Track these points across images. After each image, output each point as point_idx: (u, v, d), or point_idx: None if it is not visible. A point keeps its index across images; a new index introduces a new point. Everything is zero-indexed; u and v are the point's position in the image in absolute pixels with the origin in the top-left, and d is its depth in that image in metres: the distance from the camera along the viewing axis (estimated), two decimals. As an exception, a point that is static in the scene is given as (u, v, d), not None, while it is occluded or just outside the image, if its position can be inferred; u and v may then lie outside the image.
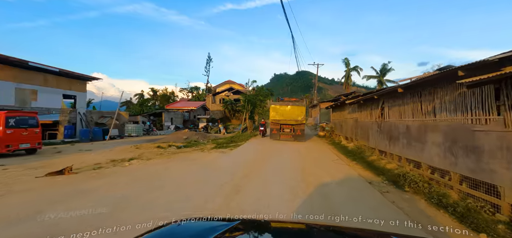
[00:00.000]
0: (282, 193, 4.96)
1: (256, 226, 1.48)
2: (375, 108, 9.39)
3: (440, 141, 5.18)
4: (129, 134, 19.06)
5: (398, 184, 5.83)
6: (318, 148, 13.15)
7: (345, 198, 4.91)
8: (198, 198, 4.56)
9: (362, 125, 11.02)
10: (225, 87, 53.05)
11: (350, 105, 13.03)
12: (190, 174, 6.60)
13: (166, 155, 9.91)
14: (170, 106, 39.21)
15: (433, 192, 4.90)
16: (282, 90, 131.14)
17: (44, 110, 18.54)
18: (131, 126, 19.27)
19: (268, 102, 50.03)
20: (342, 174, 6.95)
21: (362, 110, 11.01)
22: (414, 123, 6.38)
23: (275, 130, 15.93)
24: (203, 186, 5.33)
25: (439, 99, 5.28)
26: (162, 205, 4.11)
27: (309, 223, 1.94)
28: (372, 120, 9.64)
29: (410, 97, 6.59)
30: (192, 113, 38.49)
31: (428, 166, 5.78)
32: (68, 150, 10.94)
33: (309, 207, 4.22)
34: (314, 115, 33.86)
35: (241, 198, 4.61)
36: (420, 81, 5.66)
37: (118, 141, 15.67)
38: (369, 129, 9.91)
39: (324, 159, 9.54)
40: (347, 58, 45.61)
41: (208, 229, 1.19)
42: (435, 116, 5.44)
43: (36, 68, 17.71)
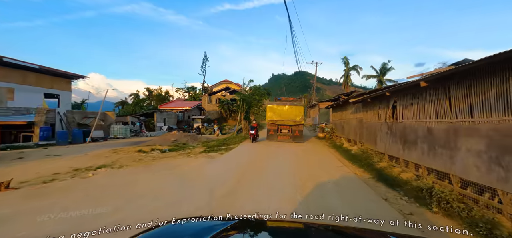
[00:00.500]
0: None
1: (253, 225, 1.48)
2: (384, 107, 8.20)
3: (480, 148, 3.98)
4: (115, 135, 17.72)
5: (422, 201, 4.63)
6: (318, 150, 11.94)
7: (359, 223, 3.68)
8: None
9: (368, 126, 9.84)
10: (221, 87, 51.76)
11: (353, 105, 11.84)
12: (158, 189, 5.33)
13: (145, 161, 8.63)
14: (163, 106, 37.85)
15: (475, 216, 3.69)
16: (280, 90, 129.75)
17: (23, 110, 17.13)
18: (118, 127, 17.92)
19: (265, 102, 48.98)
20: (351, 187, 5.75)
21: (368, 110, 9.82)
22: (439, 124, 5.18)
23: (272, 131, 15.24)
24: (166, 212, 4.05)
25: (480, 94, 4.08)
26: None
27: (307, 222, 1.85)
28: (381, 121, 8.45)
29: (433, 93, 5.39)
30: (186, 113, 37.18)
31: (459, 179, 4.58)
32: (33, 155, 9.60)
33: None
34: (313, 116, 32.69)
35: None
36: (452, 72, 4.45)
37: (99, 144, 14.33)
38: (377, 131, 8.72)
39: (327, 165, 8.31)
40: (346, 57, 44.59)
41: (207, 228, 1.24)
42: (472, 117, 4.24)
43: (13, 64, 16.32)
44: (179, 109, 35.75)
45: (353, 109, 12.06)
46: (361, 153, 9.89)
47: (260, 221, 1.61)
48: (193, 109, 37.52)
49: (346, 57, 44.60)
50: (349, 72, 44.10)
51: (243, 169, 7.35)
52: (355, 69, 42.99)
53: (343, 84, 44.66)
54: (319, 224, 1.73)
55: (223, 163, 8.53)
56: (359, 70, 42.31)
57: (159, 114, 29.67)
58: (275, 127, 15.11)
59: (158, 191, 5.19)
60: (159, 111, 30.24)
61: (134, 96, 52.53)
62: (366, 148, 9.85)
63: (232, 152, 11.18)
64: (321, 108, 25.39)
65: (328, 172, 7.20)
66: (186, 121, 36.64)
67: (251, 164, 8.20)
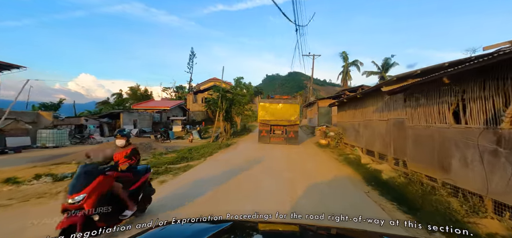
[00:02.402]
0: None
1: (249, 227, 1.48)
2: (485, 98, 3.82)
3: None
4: (43, 144, 12.90)
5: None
6: (326, 170, 7.46)
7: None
8: None
9: (423, 135, 5.44)
10: (209, 85, 46.90)
11: (382, 98, 7.49)
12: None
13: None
14: (139, 105, 32.88)
15: None
16: (274, 91, 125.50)
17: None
18: (47, 132, 13.08)
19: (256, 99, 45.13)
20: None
21: (423, 106, 5.42)
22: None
23: (264, 132, 13.91)
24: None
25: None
26: None
27: (304, 223, 1.70)
28: (470, 127, 4.06)
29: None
30: (166, 114, 32.42)
31: None
32: None
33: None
34: (310, 116, 28.24)
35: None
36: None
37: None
38: (456, 145, 4.33)
39: (357, 212, 3.85)
40: (345, 52, 40.61)
41: (207, 229, 1.24)
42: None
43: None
44: (156, 109, 30.91)
45: (381, 106, 7.69)
46: (406, 181, 5.52)
47: (256, 222, 1.63)
48: (173, 109, 32.72)
49: (345, 52, 40.65)
50: (349, 68, 40.08)
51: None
52: (356, 65, 39.00)
53: (342, 81, 40.53)
54: (317, 225, 1.67)
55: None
56: (359, 65, 38.35)
57: (128, 115, 24.81)
58: (267, 127, 13.77)
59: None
60: (128, 111, 25.35)
61: (117, 96, 47.36)
62: (415, 171, 5.50)
63: (184, 176, 6.63)
64: (321, 107, 21.05)
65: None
66: (164, 122, 31.85)
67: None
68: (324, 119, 20.38)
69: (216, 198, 4.85)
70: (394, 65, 35.92)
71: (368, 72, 37.69)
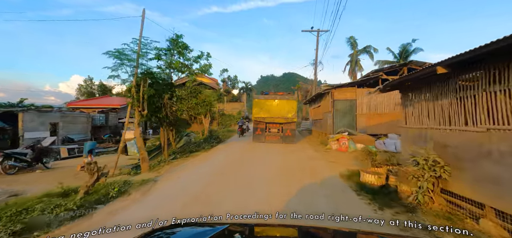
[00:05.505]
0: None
1: (246, 230, 1.46)
2: None
3: None
4: None
5: None
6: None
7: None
8: None
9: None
10: (186, 80, 38.54)
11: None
12: None
13: None
14: (74, 104, 24.04)
15: None
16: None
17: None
18: None
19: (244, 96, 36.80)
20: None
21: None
22: None
23: (259, 130, 13.51)
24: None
25: None
26: None
27: (302, 225, 1.69)
28: None
29: None
30: (116, 114, 23.76)
31: None
32: None
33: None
34: (315, 117, 19.76)
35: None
36: None
37: None
38: None
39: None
40: (353, 36, 32.70)
41: (206, 231, 1.25)
42: None
43: None
44: (99, 109, 22.19)
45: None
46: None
47: (258, 224, 1.71)
48: (126, 108, 24.06)
49: (353, 37, 32.70)
50: (358, 56, 32.20)
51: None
52: (368, 52, 31.08)
53: (349, 73, 32.59)
54: (316, 226, 1.67)
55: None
56: (373, 52, 30.43)
57: (37, 116, 16.09)
58: (262, 125, 13.50)
59: None
60: (38, 111, 16.54)
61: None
62: None
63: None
64: (338, 100, 12.75)
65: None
66: (113, 126, 23.17)
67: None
68: (344, 119, 12.19)
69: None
70: (416, 51, 28.10)
71: (382, 61, 29.78)
